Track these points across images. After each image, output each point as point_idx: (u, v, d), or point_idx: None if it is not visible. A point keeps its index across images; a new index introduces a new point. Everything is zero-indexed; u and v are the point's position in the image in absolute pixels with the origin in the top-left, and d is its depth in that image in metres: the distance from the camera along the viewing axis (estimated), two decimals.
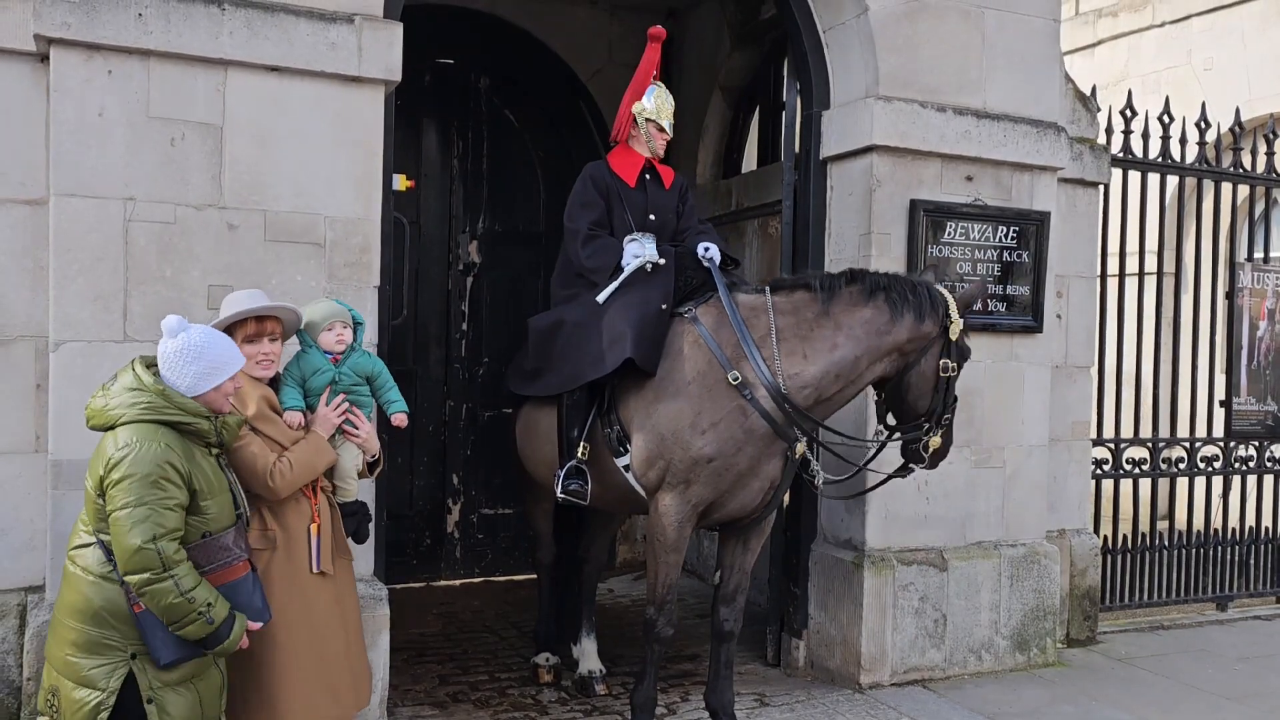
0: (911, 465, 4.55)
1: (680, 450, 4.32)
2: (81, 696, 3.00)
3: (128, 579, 2.94)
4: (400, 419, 3.79)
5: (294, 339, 3.72)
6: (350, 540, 3.74)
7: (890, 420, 4.60)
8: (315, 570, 3.49)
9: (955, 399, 4.46)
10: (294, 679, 3.42)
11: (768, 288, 4.56)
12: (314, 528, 3.51)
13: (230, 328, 3.44)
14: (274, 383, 3.61)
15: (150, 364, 3.16)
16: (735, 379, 4.32)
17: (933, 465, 4.56)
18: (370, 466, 3.82)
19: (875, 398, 4.65)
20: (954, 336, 4.35)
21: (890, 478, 4.68)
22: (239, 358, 3.23)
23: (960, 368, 4.43)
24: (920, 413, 4.42)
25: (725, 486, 4.37)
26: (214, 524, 3.10)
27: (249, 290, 3.63)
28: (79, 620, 3.03)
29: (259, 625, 3.16)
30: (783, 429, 4.36)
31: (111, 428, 3.06)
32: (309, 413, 3.61)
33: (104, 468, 2.99)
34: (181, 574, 2.94)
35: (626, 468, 4.49)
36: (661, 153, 4.96)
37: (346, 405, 3.65)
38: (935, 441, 4.43)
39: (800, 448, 4.46)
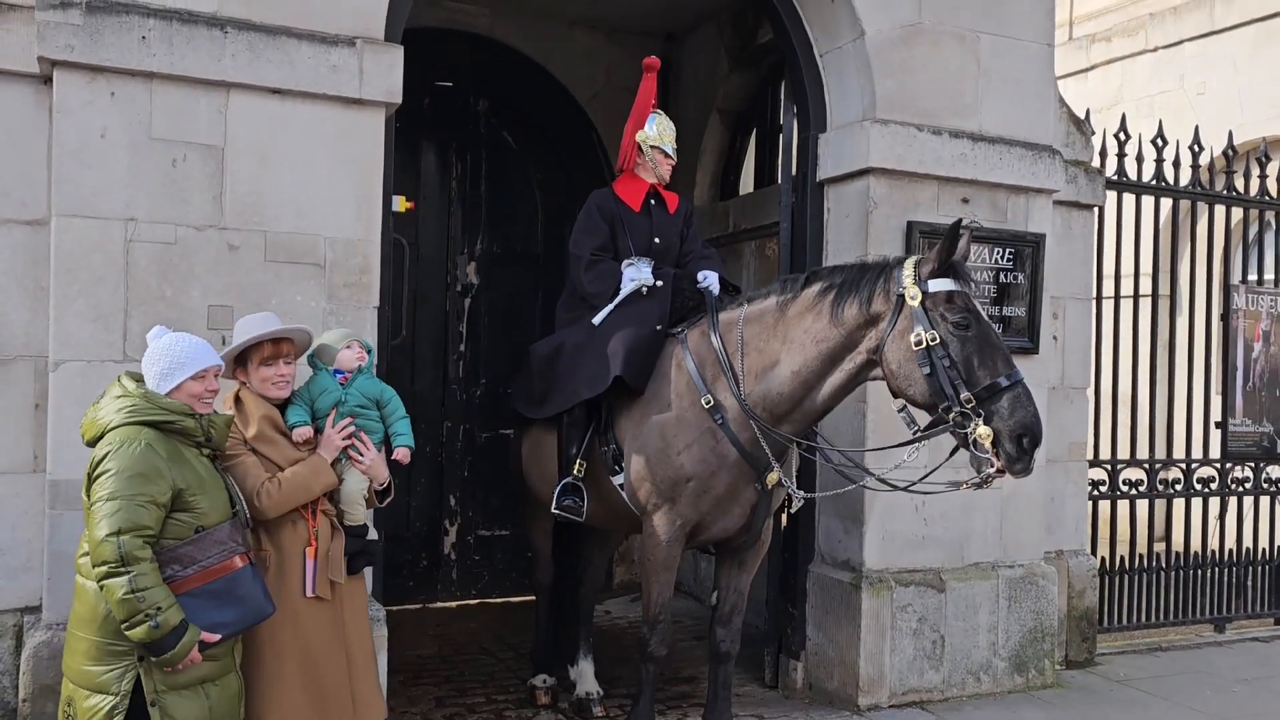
0: (987, 473, 3.79)
1: (662, 469, 4.35)
2: (95, 703, 3.06)
3: (94, 571, 2.99)
4: (402, 454, 3.73)
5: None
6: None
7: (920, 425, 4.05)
8: (309, 594, 3.46)
9: (995, 371, 3.76)
10: (280, 704, 3.39)
11: (745, 300, 4.51)
12: (309, 551, 3.48)
13: (247, 350, 3.50)
14: (285, 406, 3.62)
15: (135, 376, 3.27)
16: (708, 403, 4.32)
17: (1016, 465, 3.72)
18: (380, 495, 3.78)
19: (898, 409, 4.10)
20: (912, 302, 3.87)
21: (969, 485, 3.97)
22: (204, 358, 3.27)
23: (958, 331, 3.82)
24: (923, 402, 3.92)
25: (706, 508, 4.37)
26: (206, 519, 3.15)
27: (262, 314, 3.68)
28: (87, 630, 3.10)
29: (216, 638, 3.11)
30: (751, 455, 4.29)
31: (102, 435, 3.13)
32: (316, 434, 3.61)
33: (90, 467, 3.09)
34: (138, 572, 2.95)
35: (622, 486, 4.51)
36: (667, 178, 5.04)
37: (353, 429, 3.63)
38: (984, 431, 3.72)
39: (773, 476, 4.34)
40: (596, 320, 4.70)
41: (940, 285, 3.91)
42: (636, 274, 4.77)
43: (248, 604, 3.18)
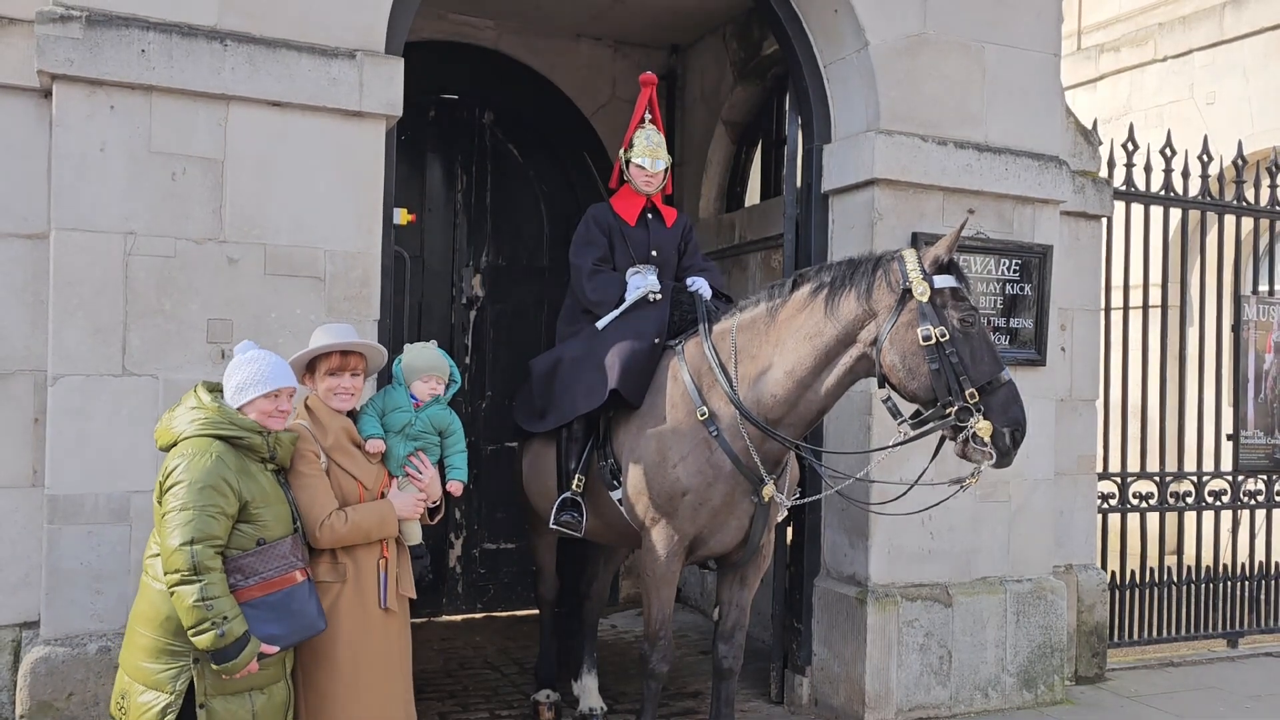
0: (976, 463, 3.84)
1: (658, 483, 4.31)
2: (149, 700, 3.13)
3: (165, 577, 3.07)
4: (455, 487, 3.80)
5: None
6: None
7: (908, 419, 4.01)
8: (383, 606, 3.52)
9: (995, 368, 3.83)
10: (361, 712, 3.44)
11: (738, 308, 4.46)
12: (383, 563, 3.54)
13: (314, 359, 3.56)
14: (354, 415, 3.67)
15: (212, 388, 3.36)
16: (703, 414, 4.28)
17: (1006, 458, 3.82)
18: (431, 512, 3.81)
19: (883, 399, 4.07)
20: (920, 298, 3.86)
21: (958, 486, 4.03)
22: (278, 379, 3.34)
23: (964, 327, 3.83)
24: (924, 397, 3.90)
25: (704, 521, 4.32)
26: (269, 532, 3.23)
27: (339, 325, 3.74)
28: (149, 628, 3.18)
29: (275, 650, 3.19)
30: (746, 466, 4.24)
31: (175, 445, 3.23)
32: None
33: (162, 476, 3.16)
34: (209, 581, 3.04)
35: (620, 501, 4.48)
36: (651, 191, 4.98)
37: (425, 500, 3.67)
38: (985, 427, 3.77)
39: (769, 490, 4.29)
40: (601, 324, 4.68)
41: (945, 281, 3.93)
42: (642, 281, 4.75)
43: (302, 619, 3.25)
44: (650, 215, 4.97)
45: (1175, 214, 6.96)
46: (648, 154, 4.91)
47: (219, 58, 4.12)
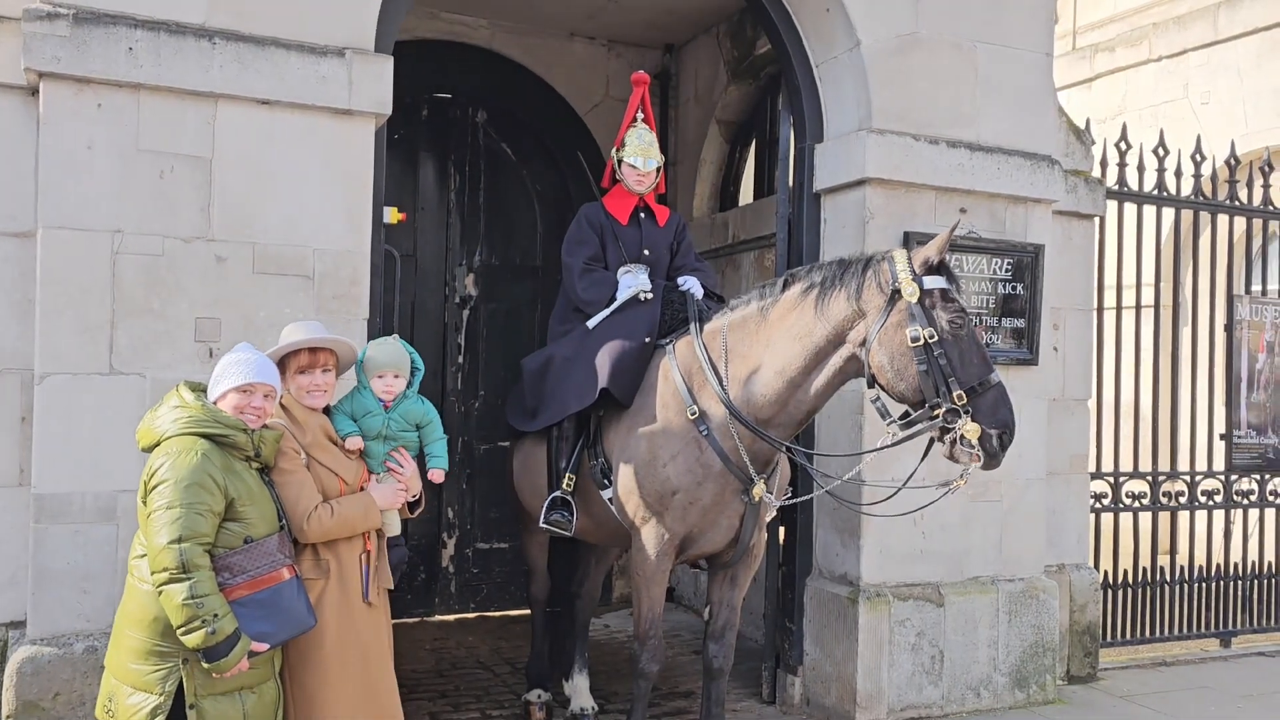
0: (964, 465, 3.83)
1: (649, 482, 4.31)
2: (138, 701, 3.11)
3: (153, 577, 3.05)
4: (436, 475, 3.80)
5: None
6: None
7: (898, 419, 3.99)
8: (365, 600, 3.52)
9: (984, 370, 3.81)
10: (346, 704, 3.44)
11: (729, 308, 4.45)
12: (365, 556, 3.55)
13: (285, 358, 3.53)
14: (326, 412, 3.66)
15: (194, 387, 3.34)
16: (693, 413, 4.27)
17: (995, 460, 3.81)
18: (411, 506, 3.81)
19: (873, 399, 4.04)
20: (910, 299, 3.84)
21: (947, 488, 4.03)
22: (256, 375, 3.31)
23: (953, 329, 3.81)
24: (912, 398, 3.89)
25: (695, 520, 4.32)
26: (256, 530, 3.21)
27: (308, 321, 3.71)
28: (138, 629, 3.15)
29: (265, 647, 3.18)
30: (736, 467, 4.23)
31: (158, 444, 3.19)
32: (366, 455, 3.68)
33: (146, 475, 3.15)
34: (198, 579, 3.02)
35: (611, 500, 4.48)
36: (643, 190, 4.98)
37: (406, 490, 3.68)
38: (972, 429, 3.76)
39: (759, 490, 4.27)
40: (592, 324, 4.68)
41: (934, 282, 3.91)
42: (633, 281, 4.76)
43: (291, 616, 3.24)
44: (643, 214, 4.98)
45: (1168, 214, 6.96)
46: (639, 153, 4.92)
47: (207, 56, 4.10)
